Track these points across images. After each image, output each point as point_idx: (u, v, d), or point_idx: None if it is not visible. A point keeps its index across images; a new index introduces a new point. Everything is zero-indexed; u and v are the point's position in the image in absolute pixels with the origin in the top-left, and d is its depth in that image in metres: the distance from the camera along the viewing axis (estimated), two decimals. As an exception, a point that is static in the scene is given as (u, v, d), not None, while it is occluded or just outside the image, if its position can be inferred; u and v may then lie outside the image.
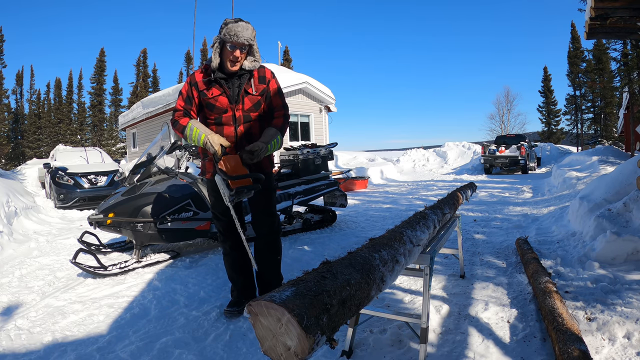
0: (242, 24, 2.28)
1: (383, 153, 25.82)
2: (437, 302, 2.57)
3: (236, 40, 2.27)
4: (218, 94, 2.42)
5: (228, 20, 2.32)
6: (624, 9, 3.52)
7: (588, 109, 28.24)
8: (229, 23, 2.28)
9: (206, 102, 2.44)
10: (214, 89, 2.42)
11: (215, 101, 2.42)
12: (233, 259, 2.66)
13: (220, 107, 2.43)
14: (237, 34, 2.25)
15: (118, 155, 31.96)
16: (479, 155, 17.07)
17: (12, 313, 2.72)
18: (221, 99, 2.42)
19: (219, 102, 2.42)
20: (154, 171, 4.10)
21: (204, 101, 2.44)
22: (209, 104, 2.44)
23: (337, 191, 5.43)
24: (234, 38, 2.26)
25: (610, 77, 20.16)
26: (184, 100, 2.46)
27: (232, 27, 2.26)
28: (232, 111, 2.44)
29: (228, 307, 2.58)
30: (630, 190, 3.86)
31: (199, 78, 2.44)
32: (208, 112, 2.47)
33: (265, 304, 0.90)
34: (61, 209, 7.91)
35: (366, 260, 1.30)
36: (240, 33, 2.26)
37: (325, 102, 14.64)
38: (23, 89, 39.07)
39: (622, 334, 2.00)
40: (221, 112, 2.44)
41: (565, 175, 8.17)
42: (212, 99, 2.42)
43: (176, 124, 2.43)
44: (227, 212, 2.51)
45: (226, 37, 2.27)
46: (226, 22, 2.31)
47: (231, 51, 2.31)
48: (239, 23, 2.28)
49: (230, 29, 2.25)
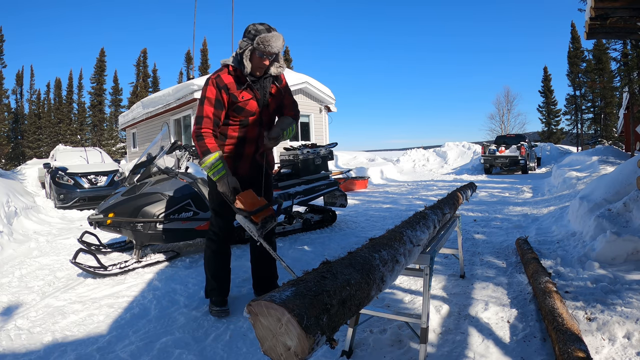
0: (275, 34, 2.30)
1: (383, 153, 25.83)
2: (437, 302, 2.57)
3: (270, 50, 2.29)
4: (249, 98, 2.44)
5: (258, 27, 2.30)
6: (624, 9, 3.53)
7: (588, 109, 28.24)
8: (262, 32, 2.28)
9: (235, 106, 2.44)
10: (244, 93, 2.43)
11: (245, 104, 2.44)
12: (225, 259, 2.67)
13: (249, 110, 2.47)
14: (271, 44, 2.28)
15: (118, 155, 31.95)
16: (479, 155, 17.07)
17: (12, 313, 2.72)
18: (251, 103, 2.46)
19: (249, 106, 2.45)
20: (154, 171, 4.10)
21: (233, 104, 2.44)
22: (238, 107, 2.44)
23: (337, 191, 5.43)
24: (268, 48, 2.28)
25: (610, 77, 20.17)
26: (213, 106, 2.36)
27: (266, 37, 2.26)
28: (259, 115, 2.50)
29: (217, 306, 2.58)
30: (630, 190, 3.86)
31: (228, 80, 2.39)
32: (234, 114, 2.47)
33: (265, 304, 0.90)
34: (61, 209, 7.91)
35: (366, 260, 1.30)
36: (274, 44, 2.29)
37: (325, 102, 14.64)
38: (23, 89, 39.10)
39: (622, 334, 2.00)
40: (248, 115, 2.48)
41: (565, 175, 8.17)
42: (243, 102, 2.43)
43: (201, 140, 2.33)
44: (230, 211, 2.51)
45: (259, 47, 2.28)
46: (257, 29, 2.29)
47: (261, 59, 2.34)
48: (272, 33, 2.28)
49: (264, 39, 2.26)
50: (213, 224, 2.67)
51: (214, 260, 2.66)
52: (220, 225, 2.64)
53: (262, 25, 2.31)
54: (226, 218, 2.61)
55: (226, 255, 2.68)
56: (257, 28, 2.29)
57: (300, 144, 5.84)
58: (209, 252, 2.68)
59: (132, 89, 37.48)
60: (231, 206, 2.35)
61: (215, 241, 2.66)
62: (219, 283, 2.64)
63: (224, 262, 2.67)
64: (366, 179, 11.19)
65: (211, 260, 2.67)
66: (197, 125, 2.36)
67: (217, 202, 2.59)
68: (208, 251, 2.68)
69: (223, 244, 2.66)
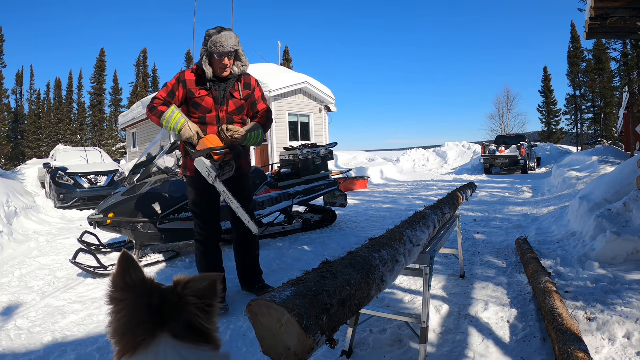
0: (225, 33, 2.42)
1: (383, 153, 25.81)
2: (437, 302, 2.57)
3: (222, 50, 2.41)
4: (205, 94, 2.56)
5: (210, 31, 2.44)
6: (624, 9, 3.53)
7: (588, 109, 28.22)
8: (213, 35, 2.41)
9: (193, 101, 2.56)
10: (202, 90, 2.55)
11: (201, 100, 2.55)
12: (216, 258, 2.70)
13: (205, 106, 2.57)
14: (222, 44, 2.40)
15: (118, 155, 31.93)
16: (479, 155, 17.06)
17: (12, 313, 2.72)
18: (207, 99, 2.57)
19: (204, 102, 2.56)
20: (154, 171, 4.10)
21: (191, 100, 2.56)
22: (195, 103, 2.56)
23: (337, 191, 5.42)
24: (220, 49, 2.41)
25: (610, 77, 20.15)
26: (167, 92, 2.53)
27: (215, 39, 2.40)
28: (216, 112, 2.59)
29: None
30: (630, 190, 3.86)
31: (189, 77, 2.55)
32: (193, 110, 2.59)
33: (265, 304, 0.90)
34: (61, 209, 7.91)
35: (366, 260, 1.30)
36: (225, 43, 2.40)
37: (325, 102, 14.64)
38: (23, 89, 39.05)
39: (622, 334, 2.00)
40: (205, 112, 2.58)
41: (565, 175, 8.17)
42: (199, 98, 2.55)
43: (153, 110, 2.50)
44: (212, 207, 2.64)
45: (212, 49, 2.42)
46: (209, 33, 2.43)
47: (220, 60, 2.46)
48: (222, 33, 2.40)
49: (214, 41, 2.39)
50: (197, 224, 2.71)
51: (204, 261, 2.70)
52: (202, 225, 2.67)
53: (215, 29, 2.45)
54: (206, 216, 2.67)
55: (216, 254, 2.71)
56: (209, 33, 2.44)
57: (300, 144, 5.84)
58: (198, 253, 2.72)
59: (132, 89, 37.51)
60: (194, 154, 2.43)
61: (202, 242, 2.69)
62: None
63: (215, 261, 2.70)
64: (366, 179, 11.19)
65: (202, 261, 2.70)
66: (150, 103, 2.53)
67: (192, 202, 2.67)
68: (198, 252, 2.73)
69: (210, 243, 2.69)
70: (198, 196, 2.63)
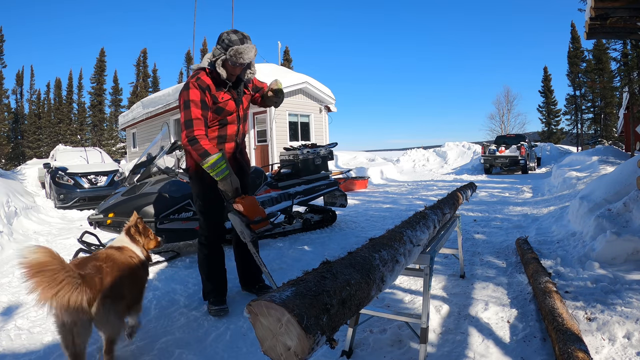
0: (249, 45, 2.35)
1: (383, 153, 25.81)
2: (437, 302, 2.57)
3: (242, 62, 2.38)
4: (228, 98, 2.53)
5: (232, 37, 2.34)
6: (624, 9, 3.53)
7: (588, 109, 28.21)
8: (235, 43, 2.33)
9: (216, 107, 2.50)
10: (223, 94, 2.51)
11: (225, 105, 2.53)
12: (219, 260, 2.69)
13: (228, 110, 2.56)
14: (243, 56, 2.35)
15: (118, 155, 31.93)
16: (479, 155, 17.06)
17: (12, 313, 2.72)
18: (230, 103, 2.56)
19: (228, 106, 2.55)
20: (154, 171, 4.10)
21: (214, 105, 2.49)
22: (218, 108, 2.52)
23: (337, 191, 5.42)
24: (240, 60, 2.36)
25: (610, 77, 20.12)
26: (199, 107, 2.35)
27: (239, 49, 2.32)
28: (236, 112, 2.61)
29: (215, 305, 2.58)
30: (630, 190, 3.86)
31: (208, 81, 2.43)
32: (214, 115, 2.53)
33: (265, 304, 0.90)
34: (61, 209, 7.91)
35: (366, 260, 1.30)
36: (246, 55, 2.36)
37: (325, 102, 14.63)
38: (23, 89, 39.08)
39: (622, 334, 2.00)
40: (227, 115, 2.57)
41: (565, 175, 8.17)
42: (223, 103, 2.52)
43: (196, 143, 2.28)
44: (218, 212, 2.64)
45: (232, 59, 2.35)
46: (231, 39, 2.33)
47: (234, 67, 2.43)
48: (245, 45, 2.34)
49: (237, 52, 2.32)
50: (202, 227, 2.68)
51: (208, 263, 2.68)
52: (210, 228, 2.65)
53: (236, 34, 2.35)
54: (215, 219, 2.64)
55: (219, 256, 2.70)
56: (230, 38, 2.34)
57: (300, 144, 5.83)
58: (201, 255, 2.69)
59: (132, 89, 37.51)
60: (228, 206, 2.38)
61: (206, 245, 2.67)
62: (215, 284, 2.66)
63: (218, 263, 2.69)
64: (366, 179, 11.18)
65: (204, 263, 2.68)
66: (188, 129, 2.31)
67: (204, 203, 2.61)
68: (201, 255, 2.69)
69: (215, 245, 2.68)
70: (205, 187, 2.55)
